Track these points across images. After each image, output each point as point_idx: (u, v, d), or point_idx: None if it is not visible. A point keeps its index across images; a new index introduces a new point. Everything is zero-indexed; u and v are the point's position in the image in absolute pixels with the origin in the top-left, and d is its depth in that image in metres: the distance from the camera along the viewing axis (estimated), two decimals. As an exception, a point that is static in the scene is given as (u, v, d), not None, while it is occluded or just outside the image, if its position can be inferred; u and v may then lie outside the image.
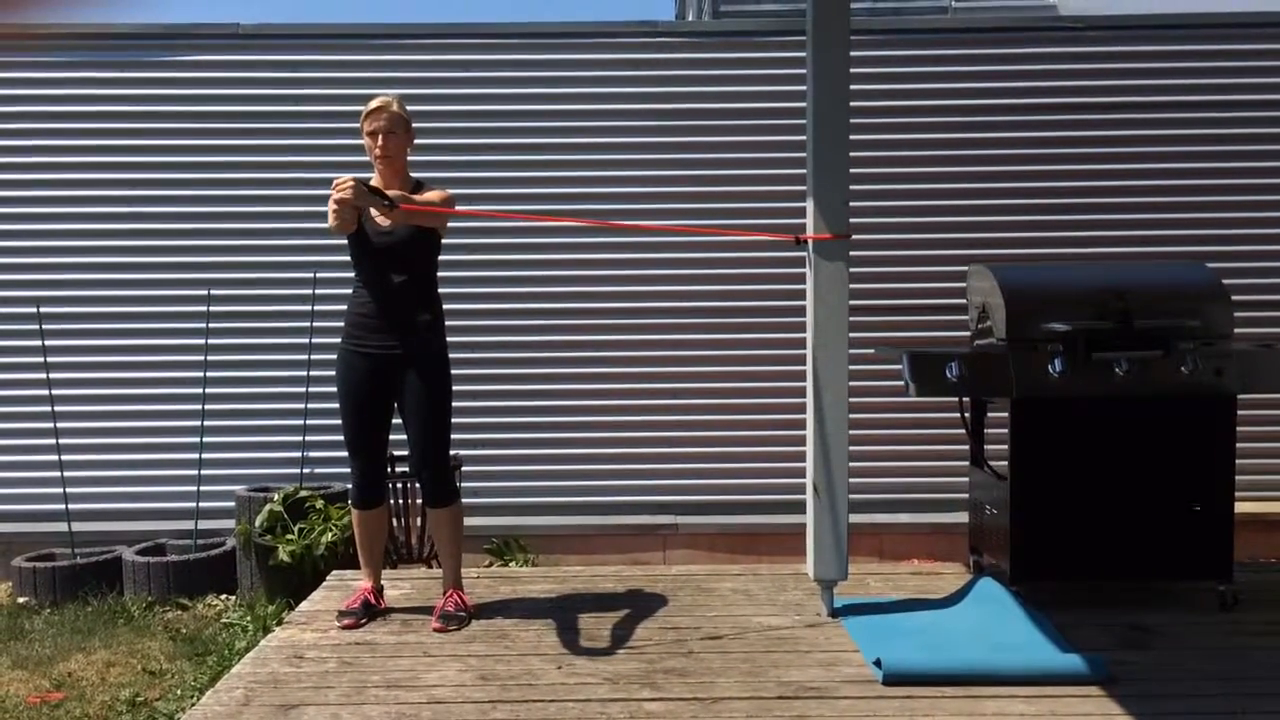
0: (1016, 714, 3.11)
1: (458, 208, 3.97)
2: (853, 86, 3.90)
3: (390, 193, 3.69)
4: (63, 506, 5.37)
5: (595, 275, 5.64)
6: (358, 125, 3.90)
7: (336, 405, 4.00)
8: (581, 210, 5.52)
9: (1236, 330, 4.07)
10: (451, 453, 4.13)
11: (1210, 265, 4.29)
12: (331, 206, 3.60)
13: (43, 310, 5.42)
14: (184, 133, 5.60)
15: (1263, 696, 3.23)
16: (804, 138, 4.03)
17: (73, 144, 5.61)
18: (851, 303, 3.91)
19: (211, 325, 5.45)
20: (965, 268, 4.58)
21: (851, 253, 3.91)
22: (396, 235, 3.85)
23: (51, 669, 4.21)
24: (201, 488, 5.40)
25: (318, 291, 5.39)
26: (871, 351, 5.14)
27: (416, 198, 3.81)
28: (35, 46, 5.59)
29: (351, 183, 3.56)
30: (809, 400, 3.95)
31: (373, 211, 3.81)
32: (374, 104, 3.87)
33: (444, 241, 3.99)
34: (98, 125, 5.61)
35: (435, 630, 3.90)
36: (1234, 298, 4.07)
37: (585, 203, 5.57)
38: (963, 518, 4.70)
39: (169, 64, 5.61)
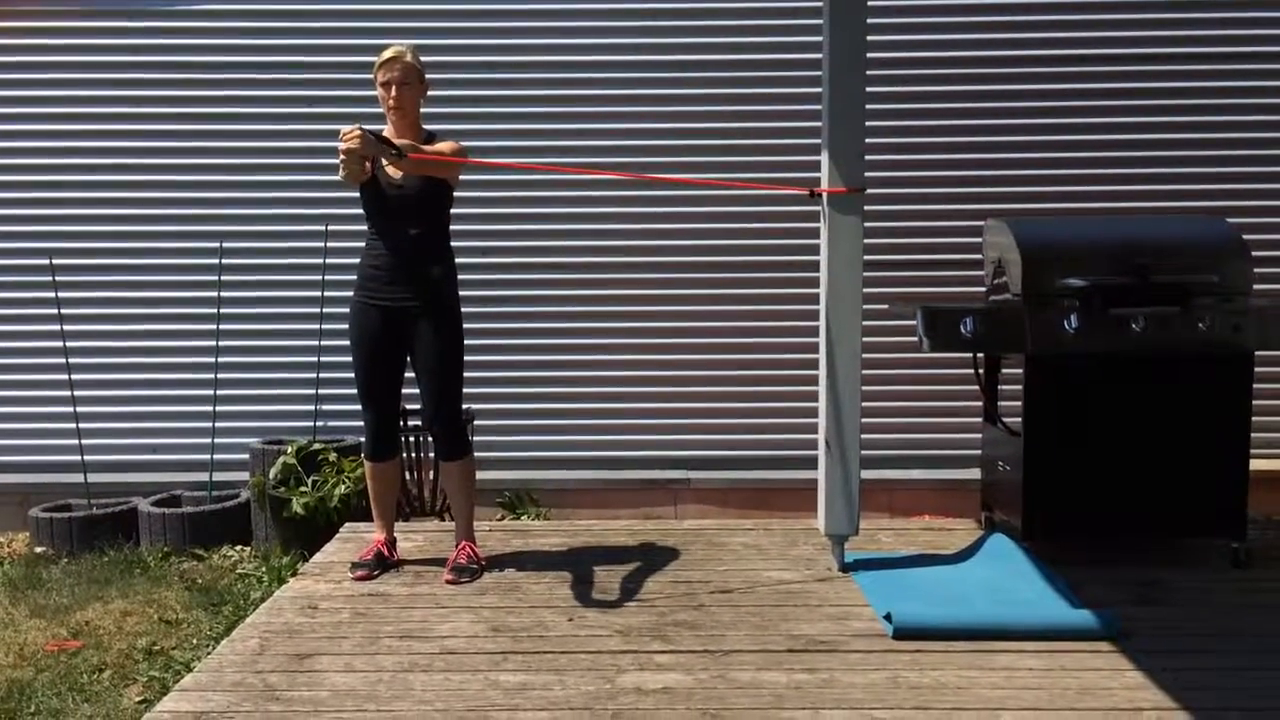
0: (1027, 669, 3.12)
1: (469, 158, 3.95)
2: (870, 36, 3.84)
3: (399, 142, 3.64)
4: (78, 458, 5.40)
5: (606, 229, 5.60)
6: (371, 75, 3.87)
7: (350, 358, 4.01)
8: (591, 162, 5.46)
9: (1255, 287, 4.03)
10: (464, 406, 4.14)
11: (1230, 220, 4.23)
12: (340, 157, 3.52)
13: (55, 261, 5.42)
14: (194, 84, 5.54)
15: (1274, 653, 3.23)
16: (819, 89, 3.98)
17: (83, 94, 5.56)
18: (866, 256, 3.89)
19: (225, 277, 5.44)
20: (981, 222, 4.54)
21: (866, 206, 3.88)
22: (409, 188, 3.84)
23: (69, 618, 4.25)
24: (216, 440, 5.42)
25: (330, 244, 5.37)
26: (885, 306, 5.11)
27: (427, 148, 3.78)
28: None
29: (359, 132, 3.47)
30: (822, 355, 3.94)
31: (384, 162, 3.79)
32: (387, 54, 3.83)
33: (456, 194, 3.97)
34: (106, 75, 5.55)
35: (447, 582, 3.93)
36: (1254, 254, 4.02)
37: (596, 155, 5.50)
38: (975, 474, 4.69)
39: (180, 13, 5.54)
